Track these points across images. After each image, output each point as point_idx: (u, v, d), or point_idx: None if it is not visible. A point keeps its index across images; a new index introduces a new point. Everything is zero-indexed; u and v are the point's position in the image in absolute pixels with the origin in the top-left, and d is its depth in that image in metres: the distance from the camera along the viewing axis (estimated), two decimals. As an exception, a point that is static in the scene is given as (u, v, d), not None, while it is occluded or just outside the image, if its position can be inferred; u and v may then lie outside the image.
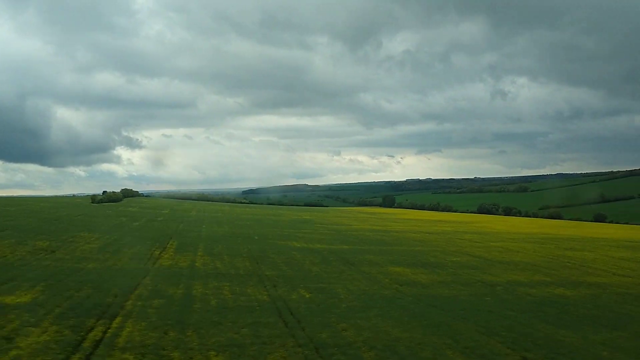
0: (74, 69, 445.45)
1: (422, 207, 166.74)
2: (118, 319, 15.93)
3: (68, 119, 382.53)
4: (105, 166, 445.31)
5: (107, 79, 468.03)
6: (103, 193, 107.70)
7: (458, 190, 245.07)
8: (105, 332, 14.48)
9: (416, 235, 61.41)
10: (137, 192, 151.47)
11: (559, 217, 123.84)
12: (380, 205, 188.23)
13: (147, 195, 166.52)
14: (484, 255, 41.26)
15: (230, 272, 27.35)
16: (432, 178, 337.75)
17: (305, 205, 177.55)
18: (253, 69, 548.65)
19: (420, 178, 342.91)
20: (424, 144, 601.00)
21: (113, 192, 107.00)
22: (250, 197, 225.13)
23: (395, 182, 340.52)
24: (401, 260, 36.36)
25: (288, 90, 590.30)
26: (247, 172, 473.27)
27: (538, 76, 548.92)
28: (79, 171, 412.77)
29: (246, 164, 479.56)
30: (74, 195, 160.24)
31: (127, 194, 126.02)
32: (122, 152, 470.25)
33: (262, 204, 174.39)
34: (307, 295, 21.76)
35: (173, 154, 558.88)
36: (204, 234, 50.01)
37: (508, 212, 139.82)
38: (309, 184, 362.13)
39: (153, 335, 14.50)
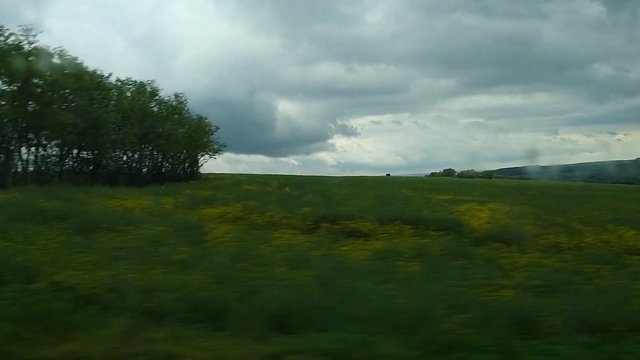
0: (297, 61, 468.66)
1: None
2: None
3: (289, 111, 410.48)
4: (315, 155, 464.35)
5: (326, 70, 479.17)
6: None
7: None
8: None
9: None
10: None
11: None
12: None
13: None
14: None
15: None
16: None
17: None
18: (473, 46, 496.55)
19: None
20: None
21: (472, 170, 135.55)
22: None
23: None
24: None
25: (506, 67, 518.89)
26: (449, 155, 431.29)
27: None
28: (293, 160, 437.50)
29: (448, 148, 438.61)
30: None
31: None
32: (337, 140, 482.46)
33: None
34: None
35: (378, 141, 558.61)
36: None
37: None
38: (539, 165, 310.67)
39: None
